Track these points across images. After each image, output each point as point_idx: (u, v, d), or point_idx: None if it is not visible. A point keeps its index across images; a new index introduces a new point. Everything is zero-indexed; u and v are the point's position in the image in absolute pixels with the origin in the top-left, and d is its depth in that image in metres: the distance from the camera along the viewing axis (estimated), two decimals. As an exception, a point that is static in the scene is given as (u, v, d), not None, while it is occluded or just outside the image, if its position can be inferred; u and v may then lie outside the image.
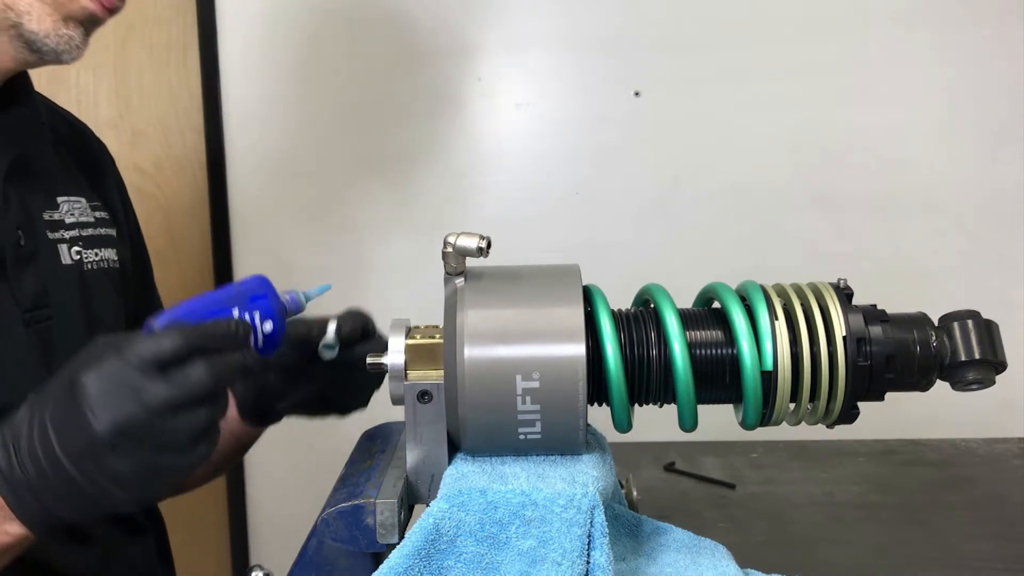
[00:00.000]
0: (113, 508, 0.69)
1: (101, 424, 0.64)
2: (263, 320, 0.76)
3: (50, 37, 0.86)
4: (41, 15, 0.85)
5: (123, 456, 0.65)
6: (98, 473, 0.66)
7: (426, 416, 0.74)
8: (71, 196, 0.98)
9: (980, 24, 1.73)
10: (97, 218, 1.00)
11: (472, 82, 1.78)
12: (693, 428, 0.77)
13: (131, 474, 0.66)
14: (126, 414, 0.65)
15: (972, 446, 1.45)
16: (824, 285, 0.77)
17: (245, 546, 1.92)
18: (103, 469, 0.65)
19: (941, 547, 1.10)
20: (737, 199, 1.77)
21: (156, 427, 0.65)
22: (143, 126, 1.80)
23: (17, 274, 0.88)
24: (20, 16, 0.85)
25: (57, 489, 0.67)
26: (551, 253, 1.72)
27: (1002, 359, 0.74)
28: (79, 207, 0.98)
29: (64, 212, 0.96)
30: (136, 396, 0.65)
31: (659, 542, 0.81)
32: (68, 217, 0.96)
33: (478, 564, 0.68)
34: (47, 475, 0.66)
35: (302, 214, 1.84)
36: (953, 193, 1.77)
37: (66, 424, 0.66)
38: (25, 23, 0.85)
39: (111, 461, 0.65)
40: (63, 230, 0.95)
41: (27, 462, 0.67)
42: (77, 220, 0.97)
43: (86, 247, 0.97)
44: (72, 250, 0.95)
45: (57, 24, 0.86)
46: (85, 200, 1.00)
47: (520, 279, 0.76)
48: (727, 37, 1.74)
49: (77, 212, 0.98)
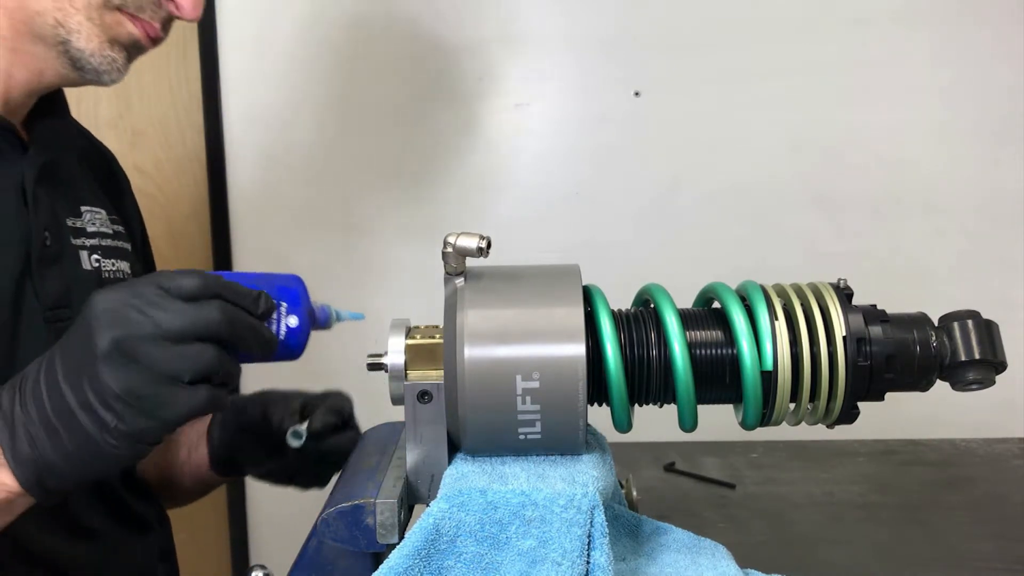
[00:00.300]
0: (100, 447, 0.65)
1: (102, 338, 0.63)
2: (288, 313, 0.74)
3: (95, 56, 0.89)
4: (89, 34, 0.89)
5: (116, 372, 0.63)
6: (91, 391, 0.64)
7: (426, 416, 0.74)
8: (93, 207, 1.02)
9: (980, 24, 1.73)
10: (115, 231, 1.04)
11: (472, 82, 1.78)
12: (693, 428, 0.77)
13: (121, 394, 0.64)
14: (129, 331, 0.64)
15: (972, 446, 1.45)
16: (824, 285, 0.77)
17: (245, 546, 1.92)
18: (95, 387, 0.64)
19: (941, 547, 1.10)
20: (737, 199, 1.77)
21: (157, 350, 0.64)
22: (143, 126, 1.80)
23: (41, 273, 0.90)
24: (70, 33, 0.88)
25: (50, 423, 0.65)
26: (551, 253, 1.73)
27: (1002, 359, 0.74)
28: (100, 218, 1.02)
29: (86, 221, 0.99)
30: (143, 314, 0.64)
31: (659, 542, 0.81)
32: (89, 226, 0.99)
33: (478, 564, 0.68)
34: (44, 407, 0.65)
35: (302, 214, 1.84)
36: (953, 193, 1.77)
37: (72, 344, 0.66)
38: (74, 41, 0.89)
39: (104, 377, 0.63)
40: (84, 237, 0.98)
41: (29, 399, 0.66)
42: (98, 229, 1.00)
43: (104, 256, 1.00)
44: (92, 257, 0.98)
45: (103, 45, 0.89)
46: (105, 212, 1.03)
47: (520, 279, 0.76)
48: (727, 37, 1.74)
49: (98, 222, 1.01)
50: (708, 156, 1.77)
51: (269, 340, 0.72)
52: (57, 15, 0.88)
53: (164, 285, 0.66)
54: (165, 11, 0.93)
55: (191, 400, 0.66)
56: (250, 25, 1.78)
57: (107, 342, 0.63)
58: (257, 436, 1.02)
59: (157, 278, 0.67)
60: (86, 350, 0.64)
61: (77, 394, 0.65)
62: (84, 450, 0.66)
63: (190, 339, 0.65)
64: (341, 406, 0.99)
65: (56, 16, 0.88)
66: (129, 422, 0.65)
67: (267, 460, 1.03)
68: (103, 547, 0.98)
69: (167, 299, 0.65)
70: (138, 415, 0.65)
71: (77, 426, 0.65)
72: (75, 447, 0.66)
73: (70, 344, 0.67)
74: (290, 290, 0.75)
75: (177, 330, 0.64)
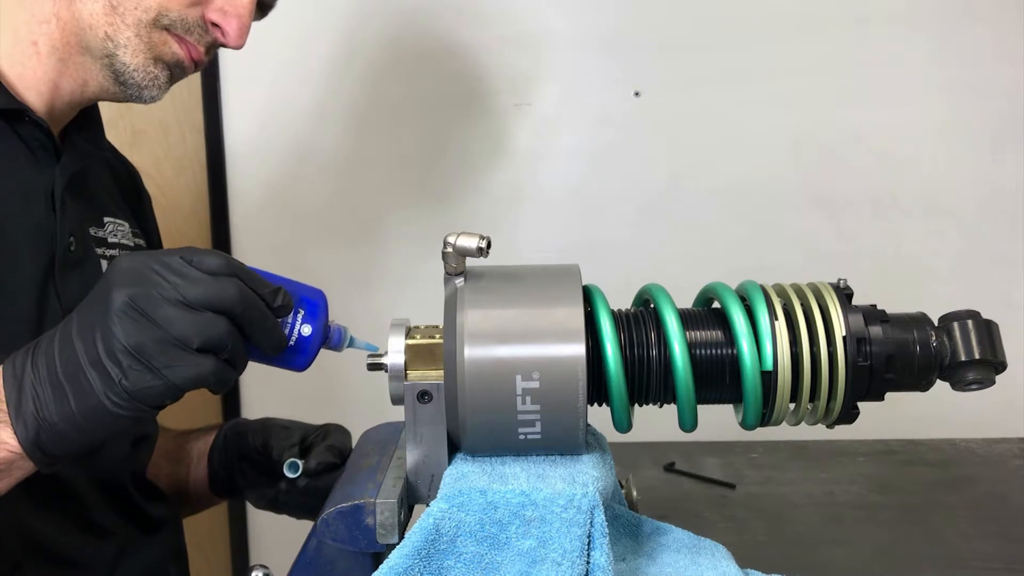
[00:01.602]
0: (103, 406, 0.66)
1: (119, 293, 0.65)
2: (304, 321, 0.74)
3: (138, 72, 0.93)
4: (136, 50, 0.92)
5: (127, 326, 0.64)
6: (102, 344, 0.65)
7: (426, 416, 0.74)
8: (117, 219, 1.05)
9: (980, 24, 1.72)
10: (136, 244, 1.06)
11: (472, 82, 1.78)
12: (693, 428, 0.77)
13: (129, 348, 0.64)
14: (145, 289, 0.65)
15: (972, 446, 1.45)
16: (824, 285, 0.77)
17: (245, 546, 1.92)
18: (105, 338, 0.65)
19: (941, 547, 1.10)
20: (737, 199, 1.77)
21: (171, 311, 0.65)
22: (143, 126, 1.80)
23: (64, 276, 0.93)
24: (117, 48, 0.91)
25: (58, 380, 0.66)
26: (551, 253, 1.74)
27: (1002, 359, 0.74)
28: (122, 230, 1.05)
29: (108, 231, 1.02)
30: (162, 277, 0.66)
31: (659, 542, 0.81)
32: (111, 237, 1.02)
33: (478, 564, 0.68)
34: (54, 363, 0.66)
35: (302, 214, 1.84)
36: (953, 193, 1.77)
37: (89, 302, 0.68)
38: (120, 55, 0.92)
39: (115, 330, 0.64)
40: (106, 247, 1.01)
41: (40, 357, 0.68)
42: (119, 241, 1.03)
43: None
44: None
45: (147, 62, 0.93)
46: (128, 226, 1.06)
47: (520, 279, 0.76)
48: (727, 37, 1.74)
49: (120, 234, 1.04)
50: (708, 156, 1.77)
51: (278, 337, 0.72)
52: (108, 29, 0.91)
53: (188, 257, 0.67)
54: (212, 36, 0.95)
55: (198, 367, 0.66)
56: (250, 25, 1.78)
57: (123, 297, 0.65)
58: (255, 463, 1.06)
59: (182, 251, 0.68)
60: (102, 305, 0.66)
61: (88, 349, 0.66)
62: (87, 409, 0.66)
63: (204, 308, 0.66)
64: (342, 444, 1.02)
65: (107, 30, 0.91)
66: (133, 379, 0.65)
67: (264, 487, 1.06)
68: (116, 546, 1.00)
69: (189, 268, 0.67)
70: (144, 372, 0.65)
71: (84, 382, 0.66)
72: (78, 406, 0.66)
73: (88, 303, 0.68)
74: (312, 301, 0.76)
75: (193, 297, 0.65)
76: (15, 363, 0.69)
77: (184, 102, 1.81)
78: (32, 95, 0.93)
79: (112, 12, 0.90)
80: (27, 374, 0.67)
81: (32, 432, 0.67)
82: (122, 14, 0.90)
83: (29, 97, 0.93)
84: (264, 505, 1.09)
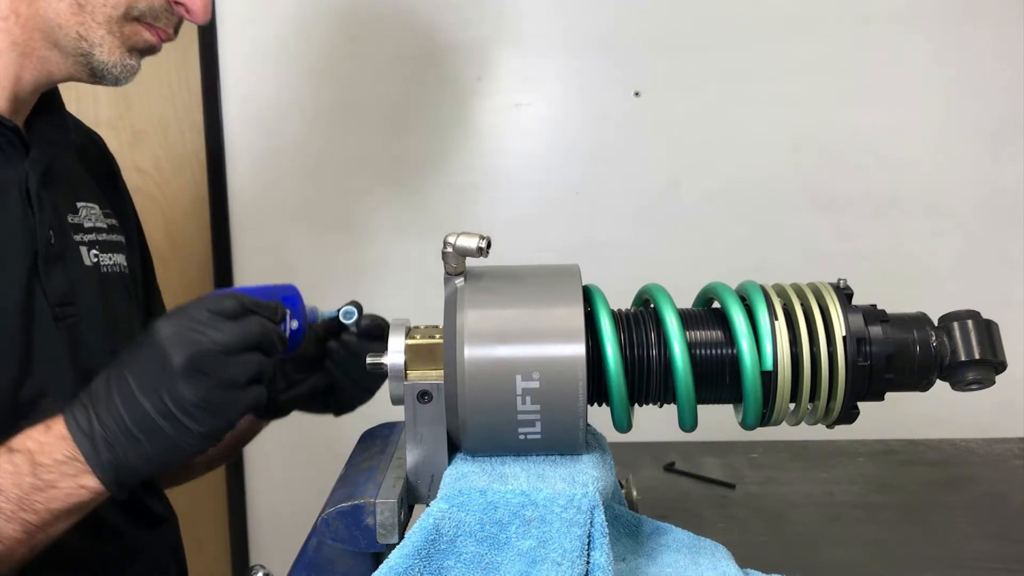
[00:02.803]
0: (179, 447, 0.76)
1: (177, 357, 0.74)
2: (291, 317, 0.88)
3: (116, 67, 0.93)
4: (111, 47, 0.92)
5: (192, 384, 0.74)
6: (171, 401, 0.74)
7: (426, 416, 0.74)
8: (88, 202, 1.03)
9: (980, 24, 1.73)
10: (109, 225, 1.05)
11: (472, 82, 1.78)
12: (693, 428, 0.77)
13: (198, 402, 0.74)
14: (198, 349, 0.75)
15: (972, 446, 1.45)
16: (824, 285, 0.77)
17: (245, 546, 1.92)
18: (175, 397, 0.74)
19: (941, 547, 1.10)
20: (737, 199, 1.77)
21: (220, 362, 0.75)
22: (143, 126, 1.80)
23: (47, 272, 0.93)
24: (92, 47, 0.91)
25: (130, 432, 0.75)
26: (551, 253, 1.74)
27: (1002, 359, 0.74)
28: (95, 213, 1.04)
29: (83, 216, 1.02)
30: (206, 336, 0.75)
31: (659, 542, 0.81)
32: (86, 222, 1.01)
33: (478, 564, 0.68)
34: (123, 419, 0.75)
35: (302, 214, 1.84)
36: (953, 193, 1.77)
37: (144, 364, 0.76)
38: (96, 54, 0.92)
39: (182, 390, 0.74)
40: (83, 233, 1.00)
41: (104, 414, 0.75)
42: (94, 225, 1.03)
43: (102, 251, 1.02)
44: (91, 253, 1.00)
45: (124, 55, 0.93)
46: (99, 207, 1.05)
47: (520, 279, 0.76)
48: (727, 37, 1.74)
49: (93, 217, 1.03)
50: (708, 156, 1.77)
51: (285, 342, 0.83)
52: (79, 29, 0.90)
53: (211, 309, 0.77)
54: (177, 16, 0.96)
55: (247, 399, 0.77)
56: (250, 26, 1.78)
57: (182, 360, 0.74)
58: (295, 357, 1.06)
59: (204, 303, 0.78)
60: (162, 368, 0.75)
61: (157, 406, 0.75)
62: (163, 451, 0.76)
63: (241, 350, 0.76)
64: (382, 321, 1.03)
65: (78, 30, 0.90)
66: (205, 424, 0.76)
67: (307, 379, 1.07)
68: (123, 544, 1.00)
69: (217, 319, 0.76)
70: (212, 417, 0.76)
71: (159, 432, 0.75)
72: (155, 450, 0.76)
73: (140, 363, 0.76)
74: (291, 298, 0.90)
75: (232, 344, 0.76)
76: (78, 421, 0.76)
77: (184, 102, 1.81)
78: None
79: (80, 11, 0.89)
80: (96, 431, 0.75)
81: (112, 475, 0.76)
82: (91, 12, 0.90)
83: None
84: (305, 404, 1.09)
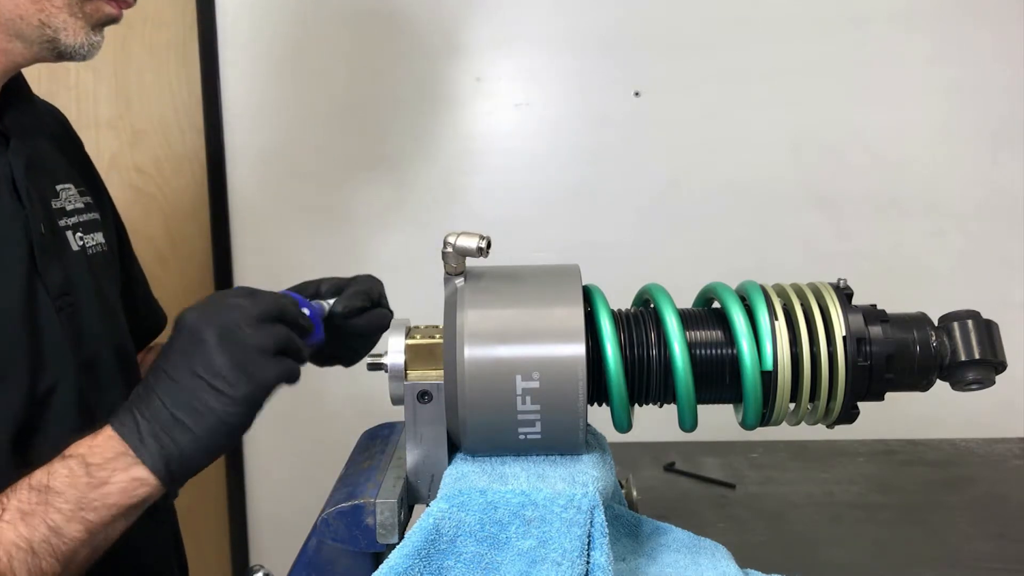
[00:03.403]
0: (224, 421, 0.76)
1: (207, 333, 0.76)
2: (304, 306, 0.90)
3: (83, 46, 0.92)
4: (76, 29, 0.91)
5: (225, 353, 0.76)
6: (208, 373, 0.75)
7: (426, 416, 0.74)
8: (65, 183, 1.03)
9: (980, 24, 1.73)
10: (85, 203, 1.04)
11: (471, 82, 1.78)
12: (693, 428, 0.77)
13: (233, 365, 0.75)
14: (225, 321, 0.77)
15: (972, 446, 1.45)
16: (824, 285, 0.77)
17: (245, 546, 1.92)
18: (211, 369, 0.75)
19: (941, 547, 1.10)
20: (737, 199, 1.77)
21: (250, 329, 0.77)
22: (143, 126, 1.80)
23: (45, 265, 0.93)
24: (56, 32, 0.90)
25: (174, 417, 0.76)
26: (550, 253, 1.74)
27: (1002, 359, 0.74)
28: (72, 194, 1.03)
29: (63, 200, 1.01)
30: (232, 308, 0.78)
31: (659, 542, 0.81)
32: (67, 204, 1.01)
33: (478, 564, 0.68)
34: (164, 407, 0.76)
35: (302, 214, 1.84)
36: (953, 193, 1.77)
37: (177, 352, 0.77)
38: (62, 38, 0.91)
39: (216, 359, 0.75)
40: (66, 217, 1.00)
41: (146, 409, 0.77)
42: (74, 207, 1.02)
43: (85, 232, 1.02)
44: (76, 236, 1.00)
45: (88, 34, 0.92)
46: (74, 186, 1.04)
47: (520, 279, 0.76)
48: (727, 37, 1.74)
49: (72, 199, 1.03)
50: (708, 156, 1.77)
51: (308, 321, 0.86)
52: (40, 16, 0.89)
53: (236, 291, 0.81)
54: None
55: (279, 367, 0.78)
56: (249, 26, 1.78)
57: (213, 331, 0.76)
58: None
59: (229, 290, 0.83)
60: (194, 346, 0.76)
61: (195, 382, 0.76)
62: (206, 428, 0.76)
63: (269, 320, 0.79)
64: (369, 288, 1.01)
65: (40, 18, 0.89)
66: (241, 388, 0.76)
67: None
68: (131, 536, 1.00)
69: (245, 296, 0.80)
70: (246, 382, 0.76)
71: (200, 406, 0.76)
72: (198, 427, 0.76)
73: (172, 352, 0.78)
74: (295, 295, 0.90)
75: (260, 313, 0.78)
76: (122, 421, 0.77)
77: (184, 102, 1.81)
78: None
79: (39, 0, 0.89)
80: (141, 424, 0.76)
81: (162, 464, 0.76)
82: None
83: None
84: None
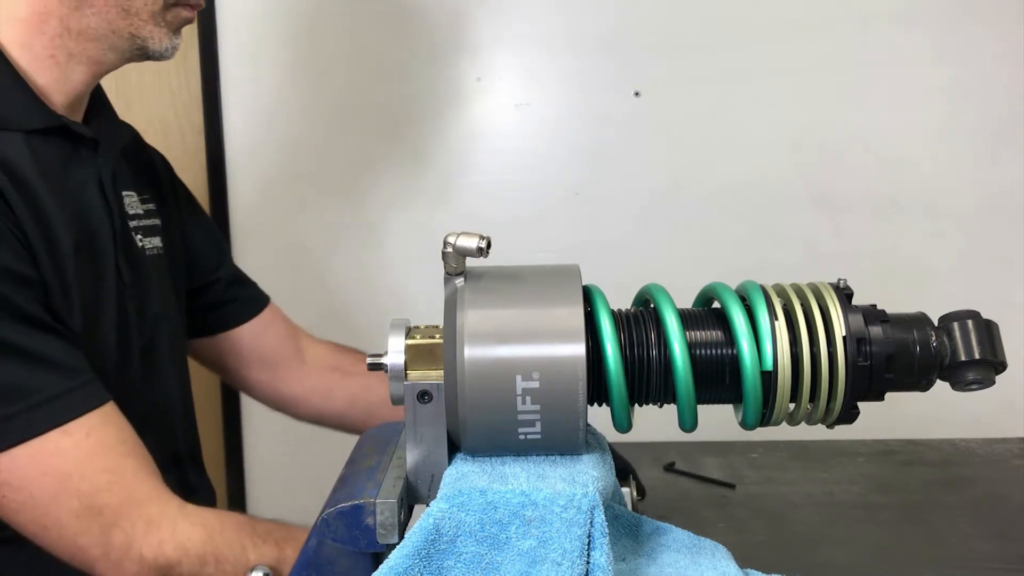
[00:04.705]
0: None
1: None
2: None
3: (169, 50, 1.03)
4: (161, 37, 1.02)
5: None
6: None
7: (426, 416, 0.74)
8: (129, 191, 1.13)
9: (980, 24, 1.73)
10: (146, 210, 1.15)
11: (472, 82, 1.78)
12: (693, 428, 0.77)
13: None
14: None
15: (972, 446, 1.45)
16: (824, 285, 0.77)
17: (245, 546, 1.91)
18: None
19: (941, 547, 1.10)
20: (737, 199, 1.77)
21: None
22: (143, 126, 1.78)
23: (124, 260, 1.05)
24: (145, 42, 1.01)
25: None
26: (550, 253, 1.74)
27: (1002, 359, 0.74)
28: (134, 200, 1.13)
29: (127, 204, 1.10)
30: None
31: (659, 542, 0.81)
32: (131, 209, 1.11)
33: (478, 564, 0.68)
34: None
35: (302, 214, 1.84)
36: (953, 193, 1.77)
37: None
38: (150, 45, 1.01)
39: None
40: (131, 220, 1.10)
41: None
42: (136, 211, 1.12)
43: (144, 236, 1.12)
44: (137, 237, 1.10)
45: (171, 38, 1.03)
46: (136, 194, 1.13)
47: (520, 279, 0.76)
48: (727, 37, 1.74)
49: (134, 205, 1.12)
50: (708, 156, 1.77)
51: None
52: (130, 30, 1.00)
53: None
54: None
55: None
56: (250, 26, 1.78)
57: None
58: None
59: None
60: None
61: None
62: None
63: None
64: None
65: (129, 31, 1.00)
66: None
67: None
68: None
69: None
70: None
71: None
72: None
73: None
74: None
75: None
76: None
77: (184, 102, 1.81)
78: (60, 98, 1.01)
79: (127, 15, 0.98)
80: None
81: None
82: (136, 13, 0.99)
83: (57, 101, 1.01)
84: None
